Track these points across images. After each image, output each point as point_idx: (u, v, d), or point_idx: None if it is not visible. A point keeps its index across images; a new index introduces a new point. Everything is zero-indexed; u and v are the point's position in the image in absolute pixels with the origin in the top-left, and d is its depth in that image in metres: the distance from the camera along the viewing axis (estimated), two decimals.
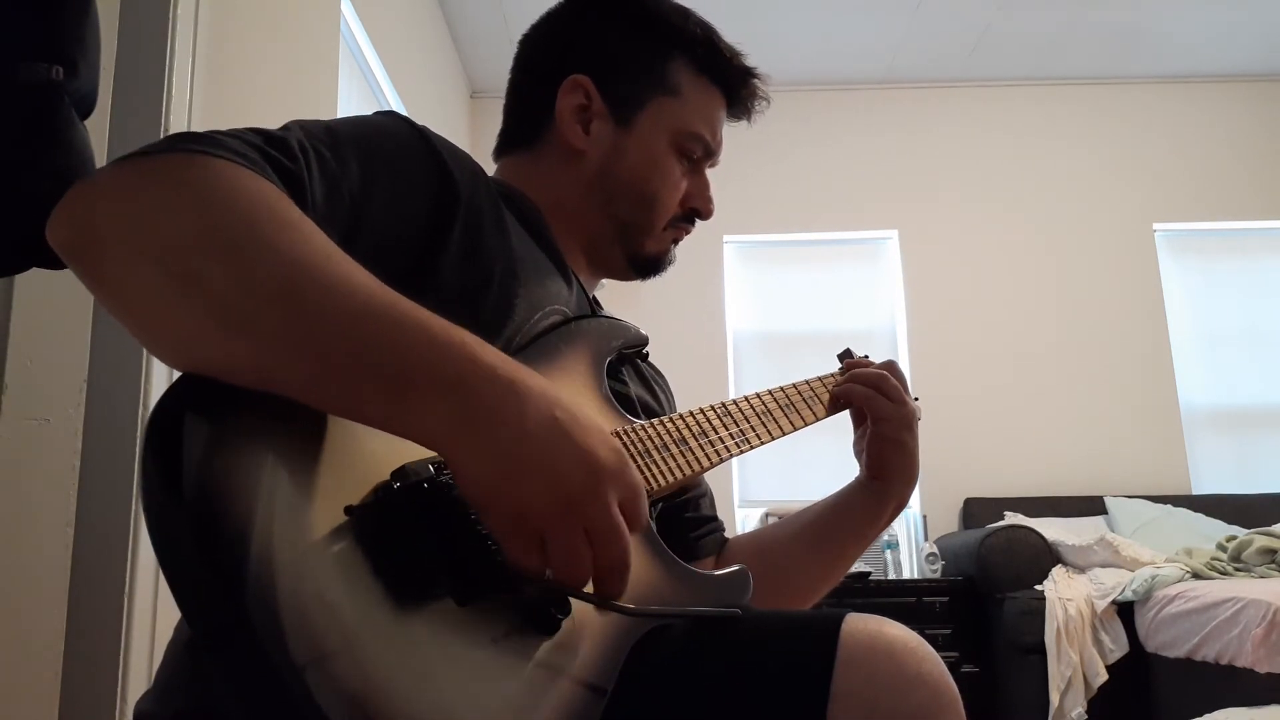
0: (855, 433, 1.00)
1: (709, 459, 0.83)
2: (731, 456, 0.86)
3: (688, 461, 0.81)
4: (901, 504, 0.99)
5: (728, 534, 1.04)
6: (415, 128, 0.79)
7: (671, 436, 0.81)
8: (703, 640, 0.68)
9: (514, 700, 0.56)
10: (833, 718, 0.61)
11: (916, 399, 1.13)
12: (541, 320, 0.80)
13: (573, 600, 0.60)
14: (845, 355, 1.08)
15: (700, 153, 0.96)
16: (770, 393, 0.95)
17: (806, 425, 0.96)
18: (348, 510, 0.54)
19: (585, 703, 0.60)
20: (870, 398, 0.96)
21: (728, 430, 0.87)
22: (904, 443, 0.96)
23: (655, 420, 0.82)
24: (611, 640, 0.64)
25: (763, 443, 0.90)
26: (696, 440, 0.83)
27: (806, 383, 0.99)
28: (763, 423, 0.91)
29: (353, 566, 0.53)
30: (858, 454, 1.00)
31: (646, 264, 0.98)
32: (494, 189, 0.84)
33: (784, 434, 0.94)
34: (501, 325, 0.76)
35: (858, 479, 0.99)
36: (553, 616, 0.59)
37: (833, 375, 1.03)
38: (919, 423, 0.98)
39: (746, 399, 0.92)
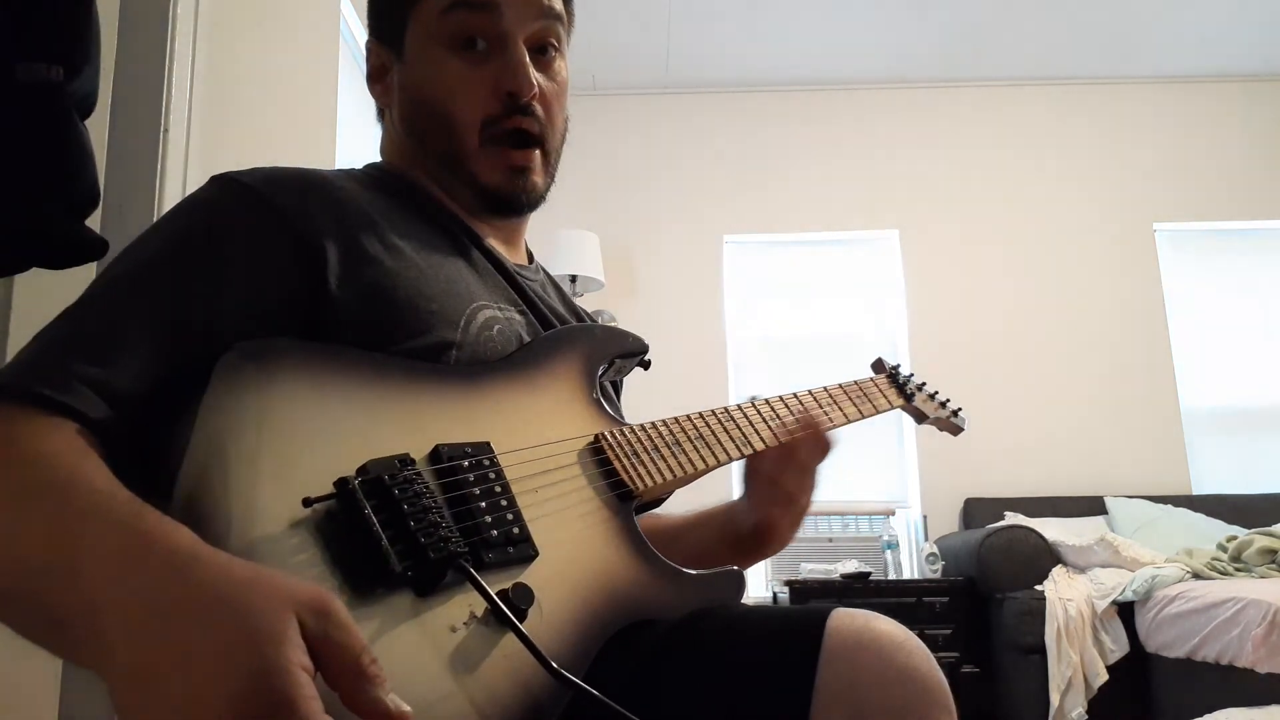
0: (768, 461, 0.88)
1: (704, 461, 0.82)
2: (731, 460, 0.85)
3: (679, 463, 0.80)
4: (761, 558, 0.92)
5: None
6: (246, 197, 0.72)
7: (664, 439, 0.81)
8: (687, 634, 0.67)
9: (472, 688, 0.57)
10: (818, 713, 0.60)
11: (960, 410, 1.13)
12: (482, 332, 0.76)
13: (540, 593, 0.61)
14: (878, 365, 1.07)
15: (478, 32, 0.83)
16: (781, 398, 0.93)
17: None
18: (306, 502, 0.56)
19: (549, 693, 0.59)
20: (806, 474, 0.88)
21: (729, 434, 0.86)
22: (798, 524, 0.91)
23: (650, 423, 0.81)
24: (582, 632, 0.64)
25: (768, 447, 0.88)
26: (692, 443, 0.82)
27: (824, 389, 0.97)
28: (770, 428, 0.88)
29: (311, 557, 0.55)
30: (747, 487, 0.90)
31: (494, 197, 0.86)
32: (366, 202, 0.79)
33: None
34: (439, 350, 0.73)
35: (737, 520, 0.91)
36: (517, 607, 0.59)
37: (855, 383, 1.01)
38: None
39: (753, 404, 0.90)
